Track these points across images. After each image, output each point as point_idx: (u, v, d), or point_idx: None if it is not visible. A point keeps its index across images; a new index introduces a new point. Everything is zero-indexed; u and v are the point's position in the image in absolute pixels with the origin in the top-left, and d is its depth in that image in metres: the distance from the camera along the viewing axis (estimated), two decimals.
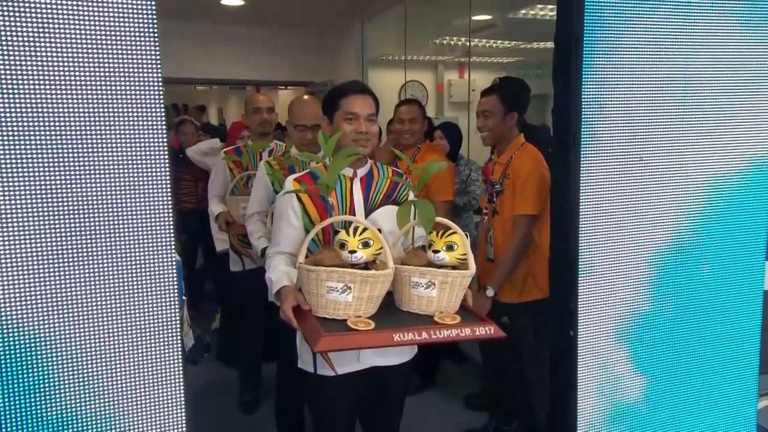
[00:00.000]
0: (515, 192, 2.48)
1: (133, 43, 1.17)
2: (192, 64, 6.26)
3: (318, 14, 5.94)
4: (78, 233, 1.18)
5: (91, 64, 1.15)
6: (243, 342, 3.28)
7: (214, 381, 3.51)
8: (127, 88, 1.18)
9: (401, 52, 6.03)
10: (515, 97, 2.57)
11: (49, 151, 1.14)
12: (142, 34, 1.17)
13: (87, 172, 1.17)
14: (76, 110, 1.15)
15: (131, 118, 1.19)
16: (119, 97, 1.17)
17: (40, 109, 1.12)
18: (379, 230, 1.64)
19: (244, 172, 2.92)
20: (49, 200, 1.15)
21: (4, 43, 1.09)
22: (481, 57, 6.61)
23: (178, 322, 1.30)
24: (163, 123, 1.21)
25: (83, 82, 1.15)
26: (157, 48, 1.18)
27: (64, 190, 1.16)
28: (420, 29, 5.89)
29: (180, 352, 1.32)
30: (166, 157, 1.22)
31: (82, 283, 1.20)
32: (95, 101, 1.16)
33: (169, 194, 1.23)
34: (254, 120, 2.99)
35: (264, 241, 2.43)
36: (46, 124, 1.13)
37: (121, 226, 1.21)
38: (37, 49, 1.11)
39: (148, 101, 1.19)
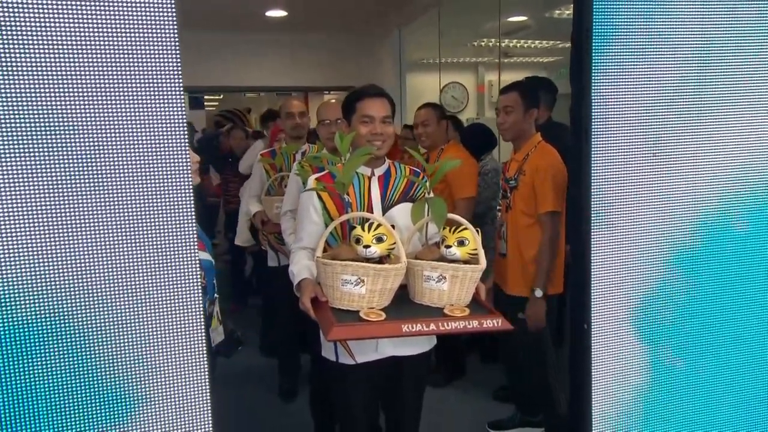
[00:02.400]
0: (536, 191, 2.50)
1: (156, 52, 1.28)
2: (240, 72, 6.55)
3: (357, 22, 6.09)
4: (105, 231, 1.29)
5: (119, 73, 1.27)
6: (280, 333, 3.45)
7: (256, 370, 3.73)
8: (150, 95, 1.29)
9: (437, 55, 6.09)
10: (535, 94, 2.62)
11: (80, 155, 1.26)
12: (164, 44, 1.28)
13: (113, 172, 1.28)
14: (101, 116, 1.26)
15: (154, 123, 1.30)
16: (142, 105, 1.29)
17: (66, 115, 1.24)
18: (394, 226, 1.71)
19: (278, 174, 3.06)
20: (79, 202, 1.27)
21: (37, 52, 1.22)
22: (520, 57, 6.58)
23: (202, 316, 1.39)
24: (184, 128, 1.32)
25: (112, 92, 1.27)
26: (178, 57, 1.29)
27: (91, 191, 1.27)
28: (457, 32, 5.92)
29: (205, 346, 1.40)
30: (187, 157, 1.33)
31: (109, 278, 1.30)
32: (117, 109, 1.28)
33: (190, 192, 1.34)
34: (287, 124, 3.13)
35: (294, 237, 2.55)
36: (73, 129, 1.25)
37: (144, 223, 1.32)
38: (71, 61, 1.23)
39: (169, 109, 1.31)
